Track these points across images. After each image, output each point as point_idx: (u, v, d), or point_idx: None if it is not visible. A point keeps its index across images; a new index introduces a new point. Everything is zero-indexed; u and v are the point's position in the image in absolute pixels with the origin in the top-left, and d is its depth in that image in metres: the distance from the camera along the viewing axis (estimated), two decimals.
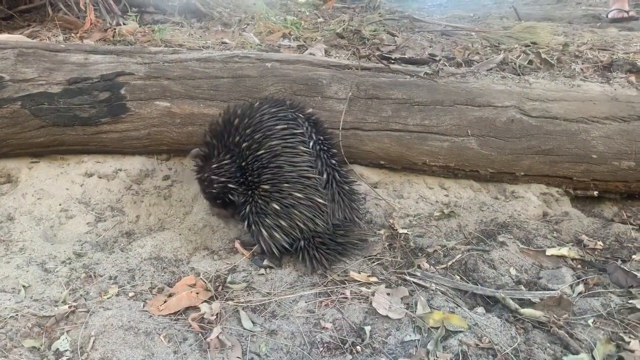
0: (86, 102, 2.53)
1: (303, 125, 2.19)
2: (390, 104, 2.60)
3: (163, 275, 2.10)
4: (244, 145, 2.16)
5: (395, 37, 4.03)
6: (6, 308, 1.82)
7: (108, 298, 1.93)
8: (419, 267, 2.14)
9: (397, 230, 2.40)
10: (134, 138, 2.62)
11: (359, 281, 2.04)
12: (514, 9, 6.37)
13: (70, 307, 1.83)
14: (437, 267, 2.16)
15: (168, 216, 2.52)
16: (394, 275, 2.09)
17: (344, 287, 2.00)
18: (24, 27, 4.70)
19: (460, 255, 2.23)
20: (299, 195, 2.09)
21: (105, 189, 2.58)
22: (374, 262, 2.19)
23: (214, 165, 2.24)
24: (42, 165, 2.66)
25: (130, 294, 1.97)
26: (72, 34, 3.86)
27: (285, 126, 2.15)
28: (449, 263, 2.19)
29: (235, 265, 2.15)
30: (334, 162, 2.22)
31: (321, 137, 2.23)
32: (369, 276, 2.07)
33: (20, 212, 2.41)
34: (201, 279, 2.06)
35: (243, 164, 2.17)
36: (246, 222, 2.19)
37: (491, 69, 3.23)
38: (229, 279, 2.06)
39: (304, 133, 2.16)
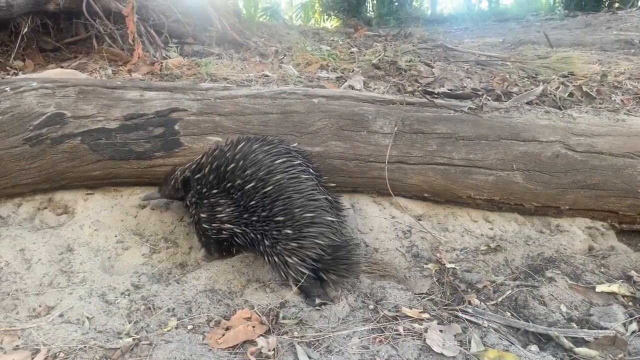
0: (142, 137, 2.64)
1: (297, 156, 2.32)
2: (435, 138, 2.65)
3: (218, 308, 2.16)
4: (249, 186, 2.24)
5: (432, 68, 4.09)
6: (74, 339, 1.90)
7: (168, 330, 2.00)
8: (469, 303, 2.16)
9: (444, 264, 2.43)
10: None
11: (411, 317, 2.07)
12: (545, 36, 6.39)
13: (134, 339, 1.90)
14: (488, 304, 2.18)
15: None
16: (446, 311, 2.11)
17: (396, 323, 2.02)
18: (70, 58, 4.90)
19: (510, 291, 2.24)
20: (310, 214, 2.19)
21: (159, 221, 2.67)
22: (424, 297, 2.22)
23: (221, 215, 2.29)
24: (97, 197, 2.77)
25: (189, 327, 2.03)
26: (120, 67, 4.01)
27: (285, 159, 2.27)
28: (499, 299, 2.20)
29: (286, 300, 2.20)
30: (330, 185, 2.38)
31: (312, 166, 2.37)
32: (420, 312, 2.09)
33: (78, 243, 2.51)
34: (255, 312, 2.11)
35: (252, 203, 2.24)
36: (266, 258, 2.25)
37: (531, 101, 3.26)
38: (282, 314, 2.11)
39: (302, 163, 2.29)
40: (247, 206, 2.25)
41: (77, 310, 2.09)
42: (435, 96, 3.01)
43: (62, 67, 4.56)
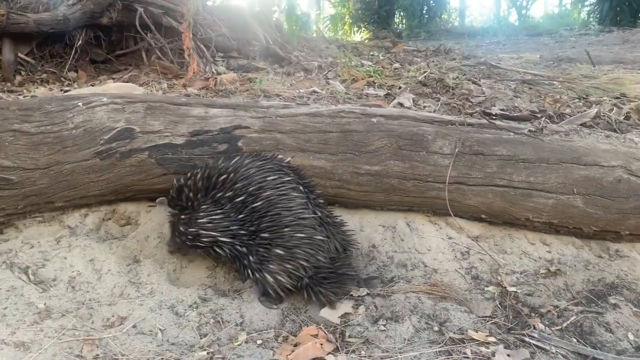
0: (206, 153, 2.70)
1: (288, 173, 2.37)
2: (495, 160, 2.67)
3: (285, 324, 2.20)
4: (239, 199, 2.29)
5: (480, 87, 4.10)
6: (150, 351, 1.96)
7: (239, 345, 2.05)
8: (534, 327, 2.16)
9: (505, 287, 2.43)
10: None
11: (478, 340, 2.07)
12: (586, 53, 6.34)
13: (207, 353, 1.96)
14: (553, 329, 2.17)
15: None
16: (511, 335, 2.12)
17: (463, 346, 2.04)
18: (120, 70, 5.06)
19: (574, 317, 2.23)
20: (301, 235, 2.24)
21: None
22: (487, 320, 2.23)
23: (203, 220, 2.33)
24: (158, 209, 2.84)
25: (258, 341, 2.07)
26: (175, 82, 4.12)
27: (276, 177, 2.32)
28: (564, 324, 2.20)
29: (349, 319, 2.23)
30: (320, 201, 2.41)
31: (304, 182, 2.40)
32: (487, 336, 2.10)
33: (144, 254, 2.58)
34: (321, 328, 2.15)
35: (240, 216, 2.29)
36: (248, 272, 2.30)
37: (584, 123, 3.25)
38: (347, 332, 2.14)
39: (292, 180, 2.34)
40: (236, 219, 2.30)
41: (149, 322, 2.15)
42: (494, 117, 3.02)
43: (113, 78, 4.72)
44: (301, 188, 2.35)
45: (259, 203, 2.26)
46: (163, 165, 2.68)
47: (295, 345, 2.05)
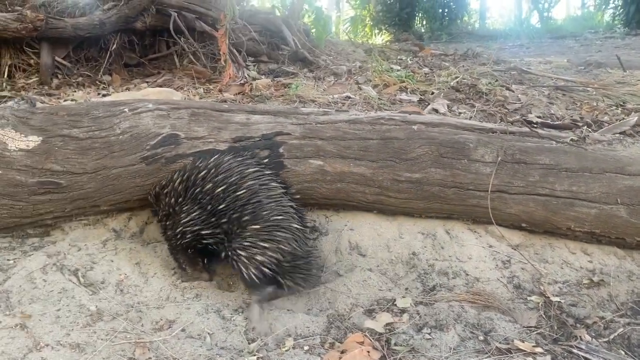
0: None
1: (266, 168, 2.48)
2: (538, 169, 2.66)
3: (330, 330, 2.22)
4: (220, 189, 2.35)
5: (513, 92, 4.08)
6: (200, 355, 2.00)
7: (286, 350, 2.07)
8: (580, 339, 2.15)
9: (549, 297, 2.42)
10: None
11: (524, 350, 2.07)
12: (617, 58, 6.26)
13: (257, 358, 1.99)
14: (600, 340, 2.16)
15: (321, 267, 2.66)
16: (558, 346, 2.11)
17: (510, 357, 2.04)
18: (154, 74, 5.14)
19: (621, 328, 2.22)
20: (279, 217, 2.32)
21: None
22: (532, 331, 2.22)
23: (185, 220, 2.39)
24: None
25: (305, 347, 2.10)
26: (210, 87, 4.17)
27: (256, 169, 2.43)
28: (611, 336, 2.18)
29: (393, 327, 2.24)
30: (297, 197, 2.54)
31: (280, 178, 2.53)
32: (534, 346, 2.09)
33: None
34: (367, 336, 2.16)
35: (221, 207, 2.34)
36: (224, 254, 2.35)
37: (624, 131, 3.22)
38: (393, 340, 2.15)
39: (271, 174, 2.47)
40: (215, 210, 2.35)
41: (197, 326, 2.19)
42: (535, 125, 3.01)
43: (146, 82, 4.79)
44: (279, 181, 2.47)
45: (242, 191, 2.34)
46: None
47: (342, 352, 2.07)
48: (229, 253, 2.33)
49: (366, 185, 2.73)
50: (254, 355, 2.01)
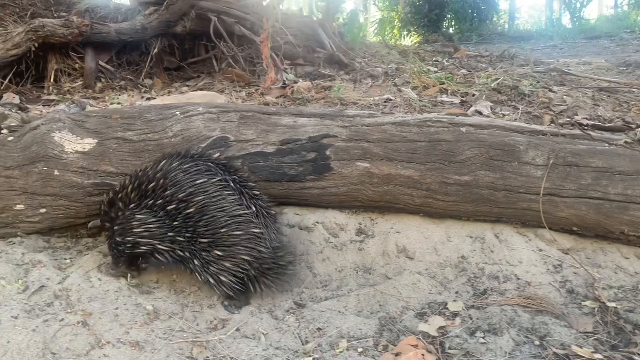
0: (295, 161, 2.77)
1: (217, 171, 2.36)
2: (590, 172, 2.61)
3: (383, 333, 2.22)
4: (171, 207, 2.29)
5: (555, 94, 4.02)
6: (257, 355, 2.02)
7: (340, 352, 2.08)
8: None
9: (604, 303, 2.37)
10: (333, 194, 2.82)
11: (583, 357, 2.04)
12: None
13: (313, 359, 2.00)
14: None
15: (370, 270, 2.66)
16: (618, 353, 2.07)
17: None
18: (193, 78, 5.22)
19: None
20: (238, 232, 2.27)
21: (308, 241, 2.78)
22: (589, 337, 2.18)
23: (139, 230, 2.31)
24: None
25: (359, 349, 2.10)
26: (249, 89, 4.22)
27: (205, 179, 2.31)
28: None
29: (446, 330, 2.23)
30: (256, 193, 2.44)
31: (236, 177, 2.40)
32: (592, 352, 2.05)
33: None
34: (420, 339, 2.15)
35: (175, 223, 2.29)
36: (197, 275, 2.32)
37: None
38: (447, 344, 2.14)
39: (222, 180, 2.33)
40: (172, 226, 2.30)
41: (251, 326, 2.22)
42: (586, 128, 2.96)
43: (187, 86, 4.88)
44: (232, 185, 2.35)
45: (192, 210, 2.28)
46: (255, 173, 2.76)
47: (397, 355, 2.07)
48: (197, 272, 2.31)
49: (414, 188, 2.73)
50: (310, 356, 2.03)
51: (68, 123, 2.69)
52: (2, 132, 2.84)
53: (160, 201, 2.31)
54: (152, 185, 2.33)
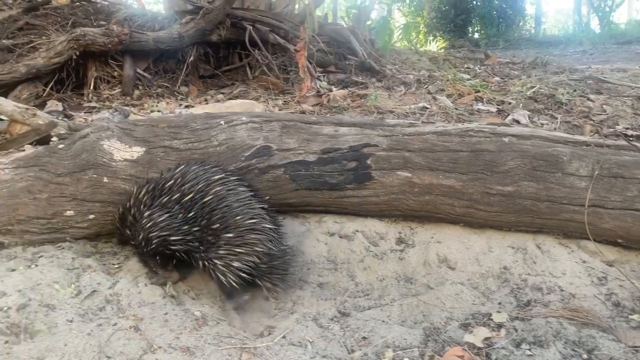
0: (336, 170, 2.80)
1: (232, 176, 2.47)
2: (636, 183, 2.58)
3: (427, 343, 2.23)
4: (187, 197, 2.34)
5: (594, 103, 3.97)
6: None
7: None
8: None
9: None
10: (373, 203, 2.84)
11: None
12: None
13: None
14: None
15: (411, 279, 2.67)
16: None
17: None
18: (227, 85, 5.30)
19: None
20: (251, 221, 2.33)
21: (348, 249, 2.81)
22: (638, 351, 2.15)
23: (148, 225, 2.37)
24: (286, 222, 2.95)
25: (405, 359, 2.12)
26: (284, 97, 4.27)
27: (222, 175, 2.42)
28: None
29: (491, 341, 2.22)
30: (264, 206, 2.50)
31: (248, 186, 2.50)
32: None
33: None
34: (466, 350, 2.16)
35: (190, 214, 2.34)
36: (201, 263, 2.35)
37: None
38: (493, 355, 2.14)
39: (238, 180, 2.45)
40: (185, 218, 2.35)
41: (297, 333, 2.25)
42: (631, 138, 2.93)
43: (222, 93, 4.96)
44: (246, 184, 2.48)
45: (209, 197, 2.34)
46: (296, 181, 2.80)
47: None
48: (206, 263, 2.34)
49: (455, 198, 2.73)
50: None
51: (116, 131, 2.76)
52: (52, 139, 2.94)
53: (176, 195, 2.38)
54: (169, 183, 2.42)
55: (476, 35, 16.62)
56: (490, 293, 2.57)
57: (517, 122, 3.56)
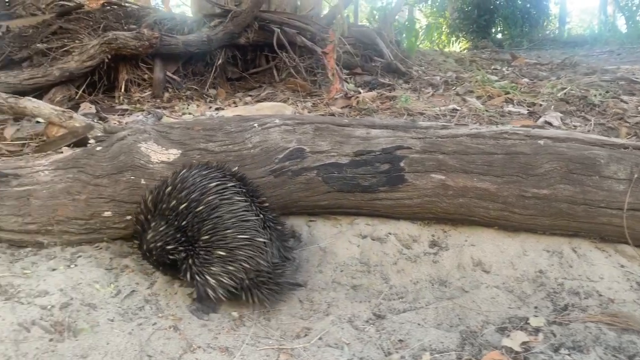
0: (368, 172, 2.80)
1: (232, 180, 2.40)
2: None
3: (464, 346, 2.22)
4: (182, 206, 2.31)
5: (629, 104, 3.90)
6: None
7: None
8: None
9: None
10: (406, 206, 2.84)
11: None
12: None
13: None
14: None
15: (445, 283, 2.66)
16: None
17: None
18: (255, 87, 5.35)
19: None
20: (242, 236, 2.27)
21: (381, 252, 2.81)
22: None
23: (149, 237, 2.39)
24: (318, 224, 2.98)
25: None
26: (312, 99, 4.29)
27: (219, 182, 2.35)
28: None
29: (529, 346, 2.20)
30: (265, 205, 2.46)
31: (250, 188, 2.45)
32: None
33: (319, 268, 2.72)
34: (503, 354, 2.14)
35: (183, 223, 2.31)
36: (189, 274, 2.31)
37: None
38: (532, 359, 2.12)
39: (236, 186, 2.38)
40: (179, 227, 2.33)
41: (333, 335, 2.26)
42: None
43: (250, 95, 5.00)
44: (244, 191, 2.40)
45: (201, 207, 2.31)
46: (328, 184, 2.81)
47: None
48: (195, 276, 2.31)
49: (490, 201, 2.72)
50: None
51: (153, 134, 2.81)
52: (90, 141, 3.00)
53: (173, 202, 2.37)
54: (168, 189, 2.41)
55: (499, 36, 16.42)
56: (526, 297, 2.54)
57: (550, 124, 3.51)
